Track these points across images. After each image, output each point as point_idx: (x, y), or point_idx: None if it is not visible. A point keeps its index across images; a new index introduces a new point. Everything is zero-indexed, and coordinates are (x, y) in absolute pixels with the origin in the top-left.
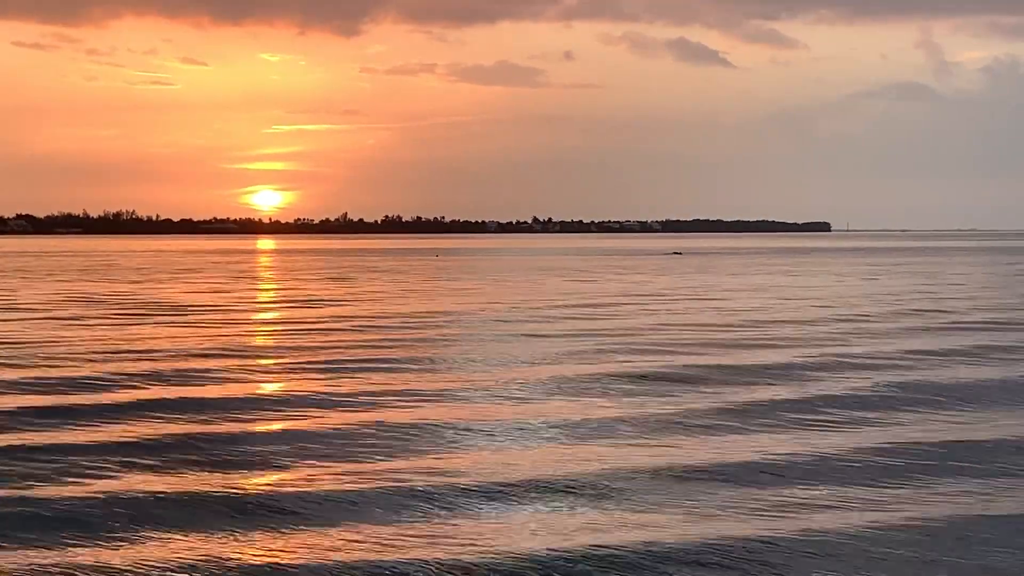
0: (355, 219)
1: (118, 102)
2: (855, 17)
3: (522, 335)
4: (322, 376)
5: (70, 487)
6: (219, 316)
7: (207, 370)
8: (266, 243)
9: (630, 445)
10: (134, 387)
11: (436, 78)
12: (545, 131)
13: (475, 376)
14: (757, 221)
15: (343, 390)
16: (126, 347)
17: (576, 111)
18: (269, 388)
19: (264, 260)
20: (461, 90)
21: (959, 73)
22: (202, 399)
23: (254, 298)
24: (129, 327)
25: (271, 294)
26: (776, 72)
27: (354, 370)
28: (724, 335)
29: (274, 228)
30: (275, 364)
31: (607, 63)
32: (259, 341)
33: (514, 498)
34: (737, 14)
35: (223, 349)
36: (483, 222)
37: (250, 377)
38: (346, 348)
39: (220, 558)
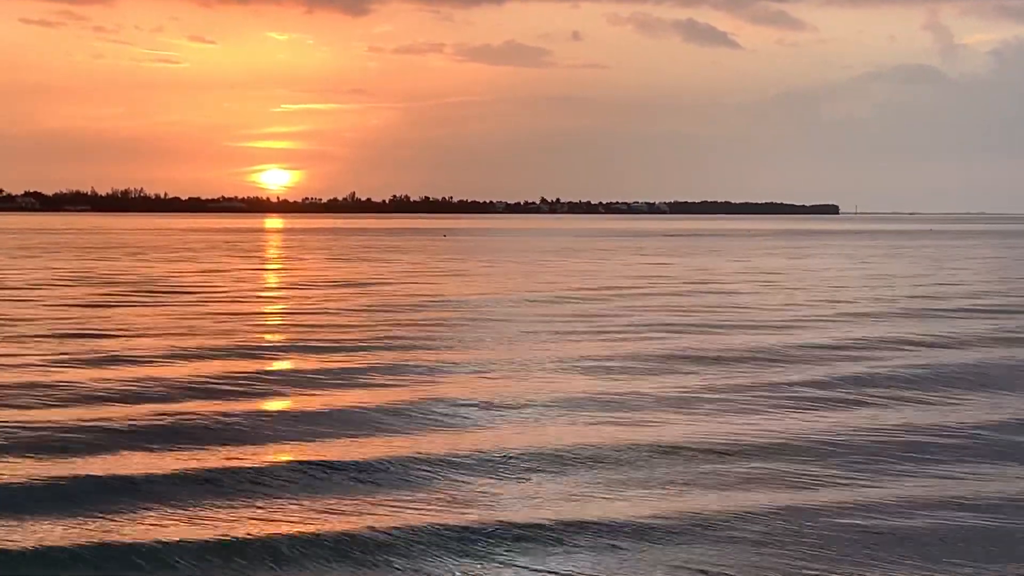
0: (363, 198)
1: (125, 80)
2: None
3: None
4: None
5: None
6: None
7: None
8: (274, 222)
9: None
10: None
11: (444, 58)
12: (553, 111)
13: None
14: (765, 203)
15: (482, 397)
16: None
17: (584, 91)
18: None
19: (288, 240)
20: (469, 70)
21: (967, 56)
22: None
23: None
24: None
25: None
26: (784, 53)
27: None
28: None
29: (282, 207)
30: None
31: (615, 43)
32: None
33: None
34: None
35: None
36: (491, 202)
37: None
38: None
39: None
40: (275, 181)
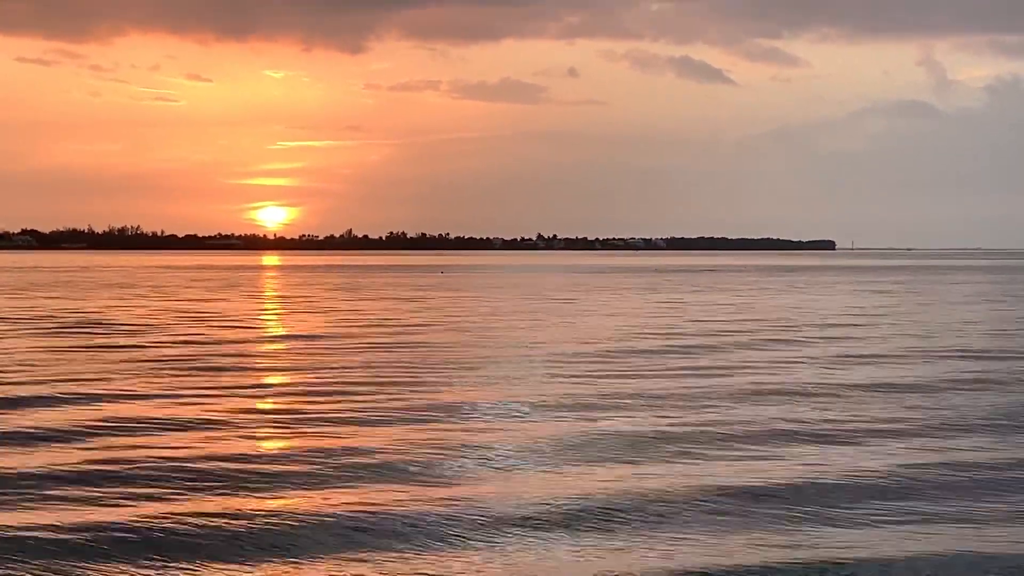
0: (359, 235)
1: (122, 118)
2: (857, 35)
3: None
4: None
5: None
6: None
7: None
8: (271, 259)
9: None
10: None
11: (440, 95)
12: (549, 148)
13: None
14: (762, 239)
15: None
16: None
17: (580, 128)
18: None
19: (300, 279)
20: (465, 107)
21: (961, 91)
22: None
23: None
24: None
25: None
26: (778, 90)
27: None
28: None
29: (279, 244)
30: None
31: (610, 80)
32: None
33: None
34: (739, 32)
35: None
36: (488, 239)
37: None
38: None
39: None
40: (272, 218)
